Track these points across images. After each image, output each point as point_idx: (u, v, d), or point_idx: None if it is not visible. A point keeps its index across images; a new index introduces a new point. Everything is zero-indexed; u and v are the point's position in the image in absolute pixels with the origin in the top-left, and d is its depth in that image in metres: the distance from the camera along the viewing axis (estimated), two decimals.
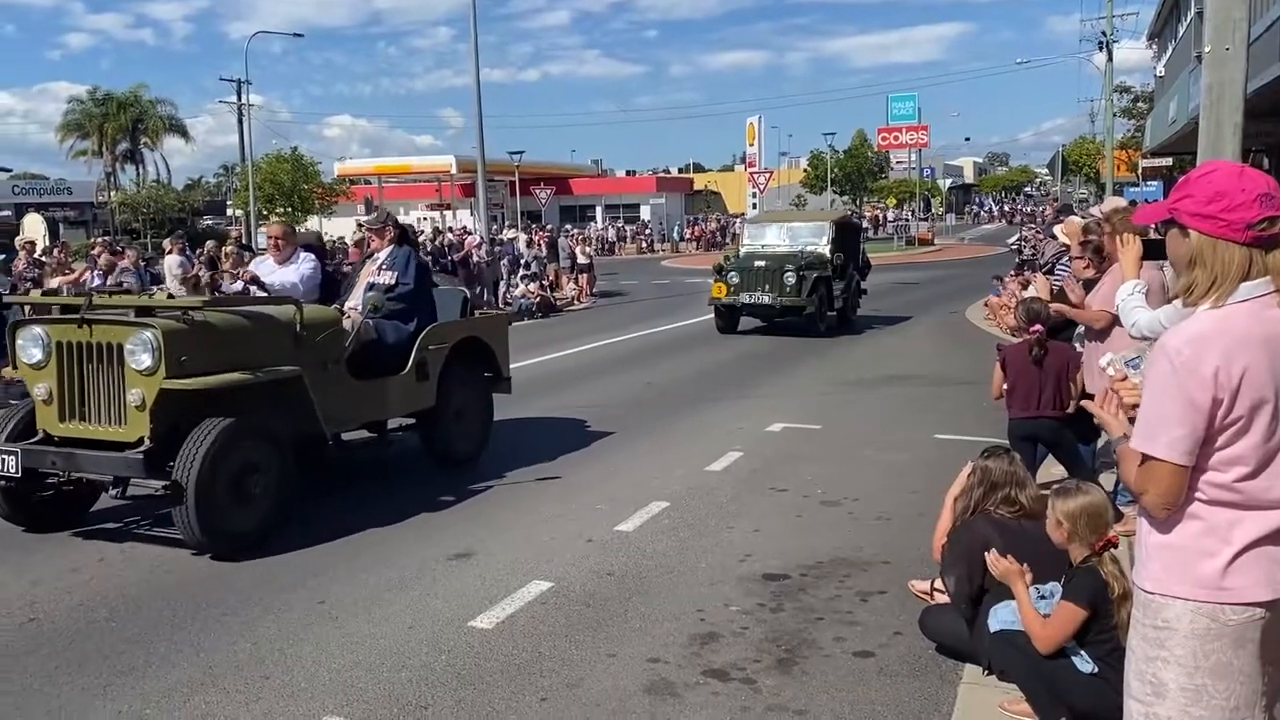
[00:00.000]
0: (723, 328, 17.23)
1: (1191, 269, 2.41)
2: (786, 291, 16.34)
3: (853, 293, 18.26)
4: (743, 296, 16.65)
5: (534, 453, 8.82)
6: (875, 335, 17.29)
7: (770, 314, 17.00)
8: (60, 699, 4.33)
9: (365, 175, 56.41)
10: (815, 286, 16.46)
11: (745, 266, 16.94)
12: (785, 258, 16.85)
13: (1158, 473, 2.35)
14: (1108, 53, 38.81)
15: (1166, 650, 2.42)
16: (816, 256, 17.05)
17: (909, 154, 52.95)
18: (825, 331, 16.56)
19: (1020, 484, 4.53)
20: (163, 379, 5.93)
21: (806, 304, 16.32)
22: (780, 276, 16.39)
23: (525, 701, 4.23)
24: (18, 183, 50.59)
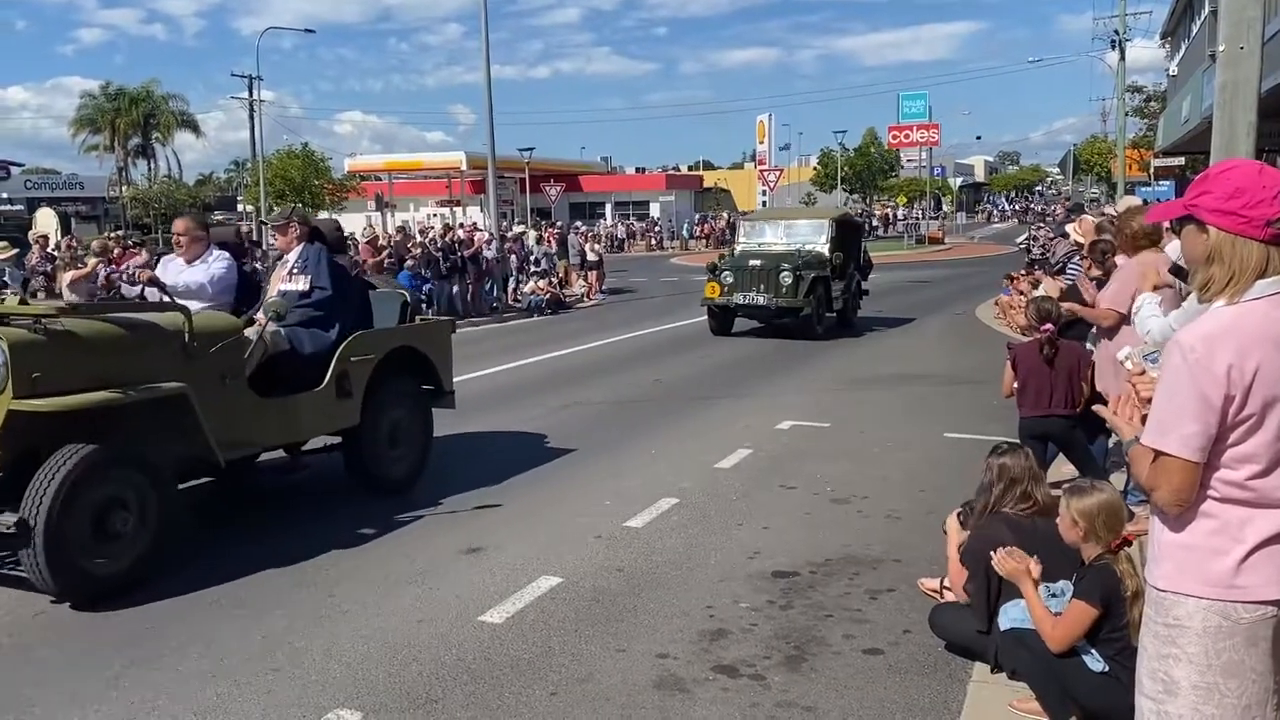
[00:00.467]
0: (716, 329, 16.77)
1: (1209, 265, 2.41)
2: (782, 292, 15.80)
3: (853, 293, 17.84)
4: (737, 297, 16.14)
5: (543, 449, 8.84)
6: (877, 337, 16.95)
7: (765, 315, 16.49)
8: (73, 689, 4.35)
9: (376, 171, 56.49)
10: (813, 287, 15.95)
11: (740, 266, 16.43)
12: (782, 257, 16.33)
13: (1169, 469, 2.35)
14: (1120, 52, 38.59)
15: (1178, 648, 2.42)
16: (814, 256, 16.57)
17: (919, 152, 52.82)
18: (822, 334, 16.16)
19: (1036, 479, 4.54)
20: (10, 399, 5.08)
21: (803, 305, 15.78)
22: (776, 276, 15.88)
23: (535, 696, 4.24)
24: (30, 177, 50.77)
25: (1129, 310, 5.71)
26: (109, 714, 4.14)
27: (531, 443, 9.13)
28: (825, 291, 16.41)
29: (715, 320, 16.83)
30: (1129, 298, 5.69)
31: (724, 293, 16.24)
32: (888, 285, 27.21)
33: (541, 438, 9.35)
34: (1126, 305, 5.71)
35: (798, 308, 15.81)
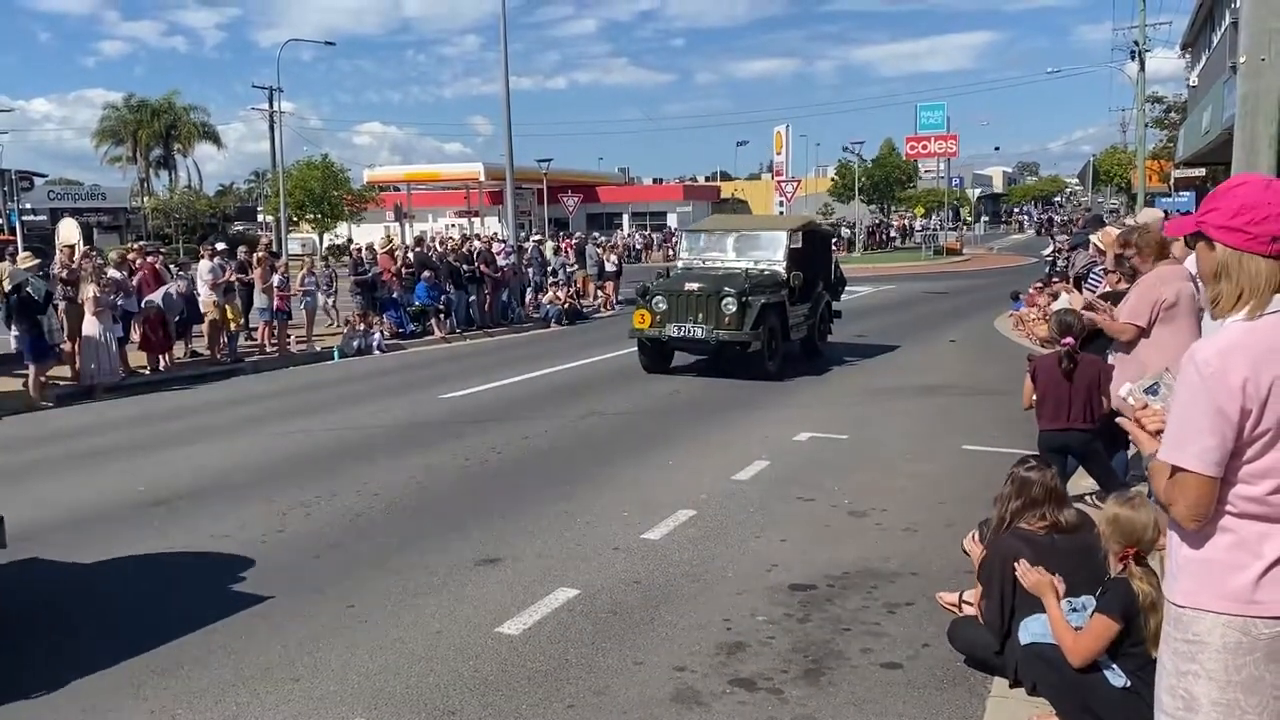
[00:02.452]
0: (649, 365, 13.99)
1: (1217, 282, 2.42)
2: (725, 323, 13.10)
3: (820, 317, 15.52)
4: (669, 328, 13.40)
5: (561, 460, 8.85)
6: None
7: (705, 350, 14.02)
8: (95, 698, 4.39)
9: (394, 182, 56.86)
10: (763, 316, 13.20)
11: (674, 290, 13.65)
12: (725, 279, 13.65)
13: (1186, 484, 2.34)
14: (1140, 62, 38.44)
15: (1198, 664, 2.40)
16: (767, 277, 13.98)
17: (937, 163, 52.72)
18: (777, 371, 13.49)
19: (1058, 500, 4.48)
20: None
21: (749, 338, 13.08)
22: (717, 304, 13.13)
23: (552, 709, 4.24)
24: (53, 188, 51.27)
25: (1148, 322, 5.69)
26: None
27: (549, 454, 9.15)
28: (780, 320, 13.80)
29: (647, 356, 14.05)
30: (1149, 309, 5.67)
31: (655, 323, 13.55)
32: (900, 298, 27.14)
33: (559, 449, 9.37)
34: (1146, 318, 5.69)
35: (744, 341, 13.15)
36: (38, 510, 7.45)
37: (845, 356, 15.26)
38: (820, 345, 15.61)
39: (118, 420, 11.51)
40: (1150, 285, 5.72)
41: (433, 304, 19.32)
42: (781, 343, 13.87)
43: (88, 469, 8.88)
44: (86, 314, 13.27)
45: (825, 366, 14.56)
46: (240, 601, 5.52)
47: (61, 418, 11.86)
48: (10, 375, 13.69)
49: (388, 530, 6.84)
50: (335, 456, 9.17)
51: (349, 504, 7.50)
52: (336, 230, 50.23)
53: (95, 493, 7.99)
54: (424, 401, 12.16)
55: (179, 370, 15.12)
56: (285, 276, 17.34)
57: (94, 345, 13.29)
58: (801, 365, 14.60)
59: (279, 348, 16.95)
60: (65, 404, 12.72)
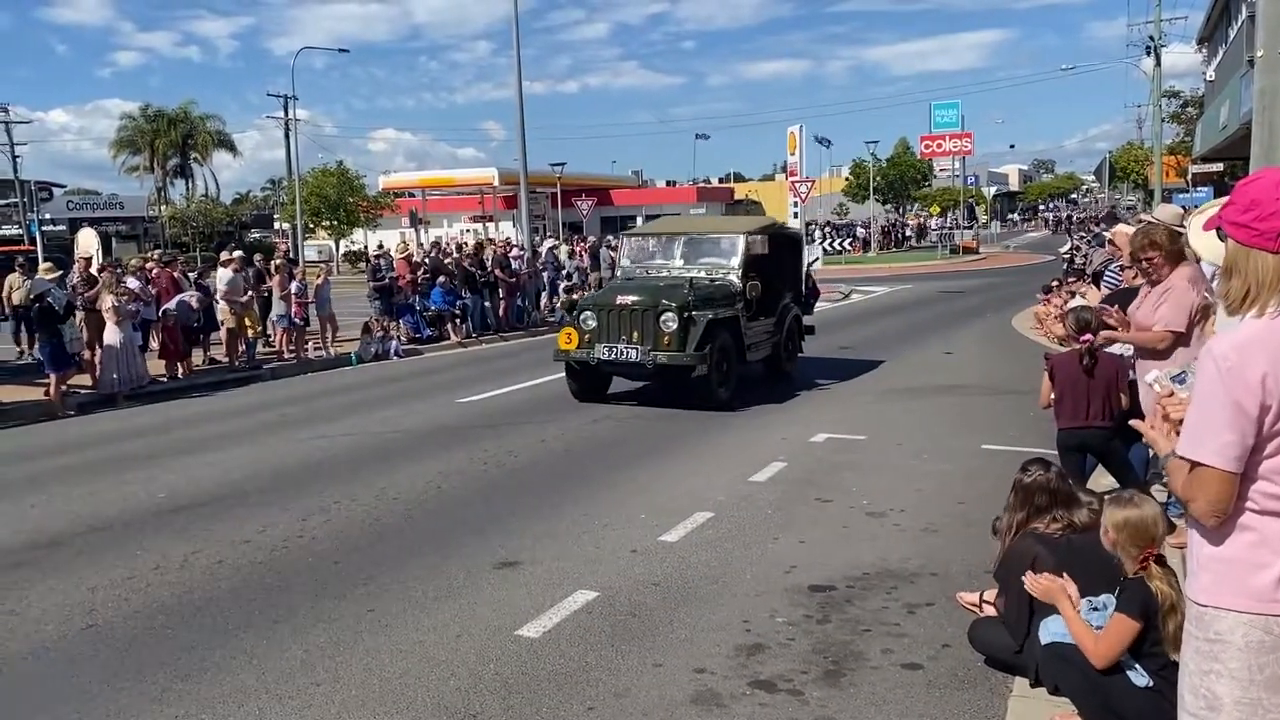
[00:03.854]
0: (579, 393, 12.01)
1: (1228, 277, 2.41)
2: (663, 342, 11.10)
3: (787, 333, 13.56)
4: (599, 349, 11.38)
5: (577, 463, 8.87)
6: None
7: (641, 375, 11.82)
8: (119, 703, 4.42)
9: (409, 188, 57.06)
10: (710, 335, 11.17)
11: (605, 304, 11.72)
12: (665, 291, 11.54)
13: (1206, 480, 2.33)
14: (1155, 57, 38.24)
15: (1220, 663, 2.39)
16: (717, 288, 11.96)
17: (952, 161, 52.56)
18: (728, 401, 11.43)
19: (1068, 501, 4.46)
20: None
21: (692, 361, 11.05)
22: (655, 320, 11.17)
23: (572, 711, 4.26)
24: (72, 198, 51.73)
25: (1187, 326, 5.59)
26: None
27: (566, 456, 9.16)
28: (734, 338, 11.77)
29: (575, 381, 12.06)
30: (1187, 314, 5.58)
31: (583, 343, 11.58)
32: (915, 297, 27.06)
33: (576, 451, 9.39)
34: (1184, 322, 5.59)
35: (686, 365, 11.13)
36: (61, 517, 7.53)
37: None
38: (788, 366, 13.60)
39: (138, 428, 11.60)
40: (1184, 290, 5.63)
41: (449, 309, 19.40)
42: (736, 365, 11.79)
43: (109, 476, 8.95)
44: (106, 323, 13.38)
45: (842, 365, 14.48)
46: (262, 606, 5.55)
47: (82, 425, 11.96)
48: (31, 384, 13.83)
49: (407, 534, 6.87)
50: (354, 461, 9.21)
51: (368, 509, 7.54)
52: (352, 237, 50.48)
53: (117, 499, 8.05)
54: (441, 406, 12.21)
55: (198, 377, 15.22)
56: (303, 284, 17.44)
57: (114, 353, 13.41)
58: (815, 368, 14.52)
59: (297, 354, 17.05)
60: (86, 412, 12.83)
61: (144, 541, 6.83)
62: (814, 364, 14.47)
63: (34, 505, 7.95)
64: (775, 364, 13.32)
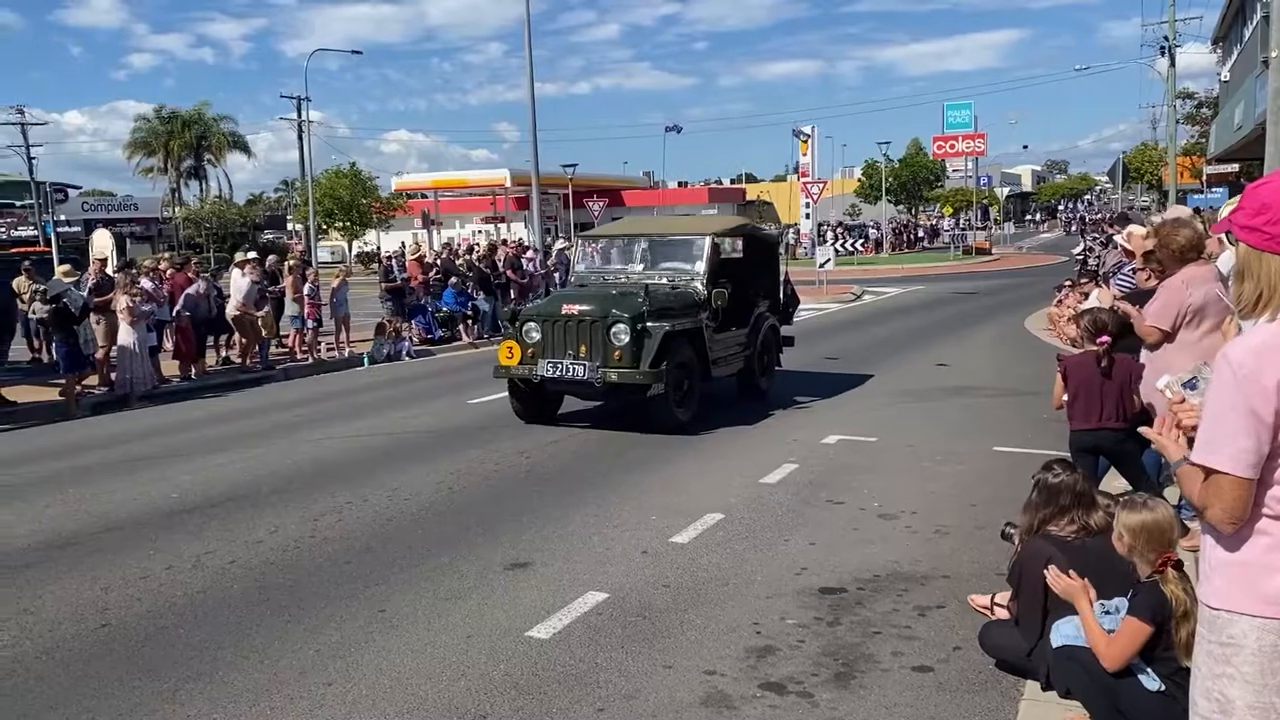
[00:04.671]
0: (523, 413, 10.83)
1: (1241, 281, 2.40)
2: (614, 358, 9.97)
3: (762, 345, 12.10)
4: (543, 365, 10.25)
5: (588, 464, 8.88)
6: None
7: (590, 394, 10.70)
8: (132, 702, 4.45)
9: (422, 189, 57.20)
10: (667, 349, 10.00)
11: (551, 315, 10.51)
12: (617, 299, 10.40)
13: (1222, 486, 2.32)
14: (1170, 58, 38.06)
15: (1233, 667, 2.38)
16: (678, 296, 10.81)
17: (965, 162, 52.42)
18: (688, 423, 10.28)
19: (1087, 503, 4.45)
20: None
21: (647, 379, 9.86)
22: (604, 332, 10.04)
23: (582, 712, 4.26)
24: (87, 200, 52.07)
25: (1173, 326, 5.61)
26: None
27: (577, 458, 9.17)
28: (697, 353, 10.56)
29: (519, 400, 10.85)
30: (1174, 314, 5.59)
31: (526, 357, 10.45)
32: (928, 298, 26.98)
33: (587, 452, 9.39)
34: (1170, 322, 5.61)
35: (642, 384, 9.94)
36: (75, 517, 7.58)
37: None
38: (763, 383, 12.22)
39: (152, 428, 11.66)
40: (1176, 288, 5.63)
41: (461, 310, 19.44)
42: (698, 383, 10.62)
43: (123, 476, 8.99)
44: (121, 324, 13.46)
45: (855, 367, 14.34)
46: (274, 606, 5.58)
47: (96, 426, 12.03)
48: (46, 385, 13.92)
49: (418, 535, 6.89)
50: (366, 462, 9.24)
51: (380, 509, 7.56)
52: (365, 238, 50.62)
53: (130, 499, 8.09)
54: (453, 407, 12.23)
55: (211, 378, 15.30)
56: (315, 285, 17.51)
57: (128, 354, 13.49)
58: (825, 369, 14.46)
59: (309, 355, 17.11)
60: (100, 412, 12.91)
61: (157, 541, 6.86)
62: (832, 363, 14.42)
63: (48, 505, 8.00)
64: (748, 380, 11.98)
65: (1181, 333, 5.60)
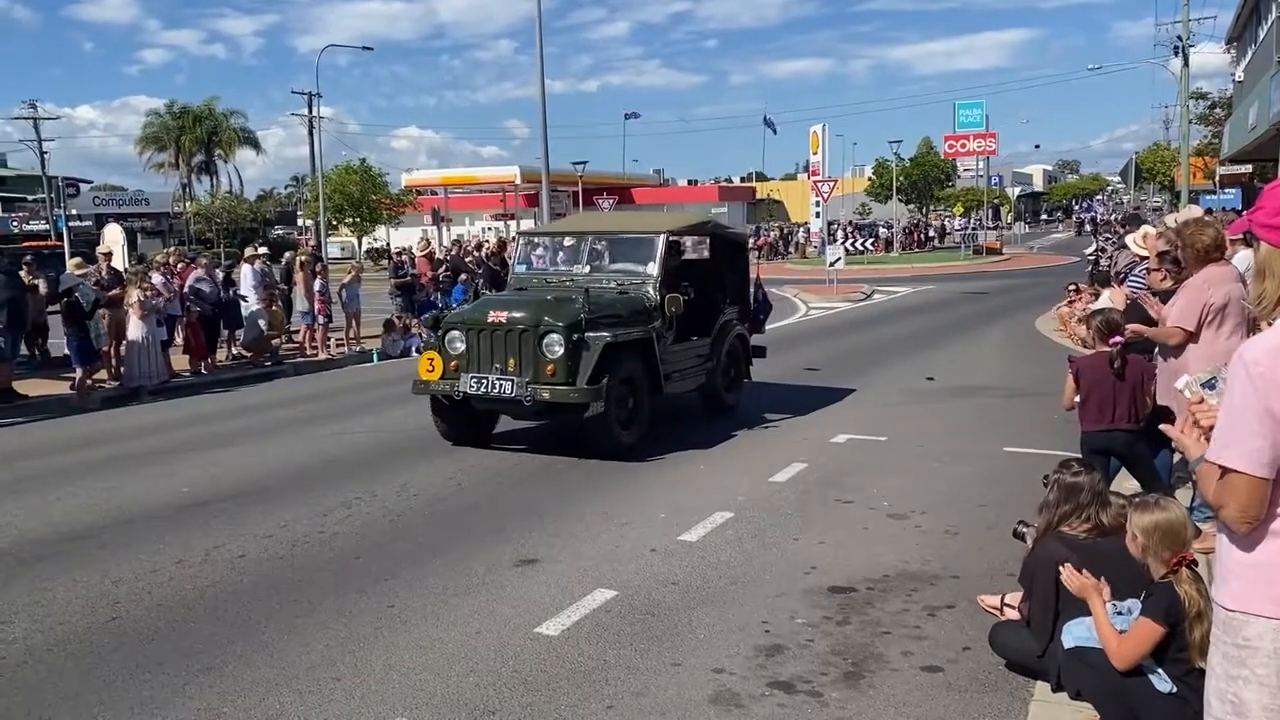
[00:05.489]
0: (449, 434, 9.63)
1: (1261, 280, 2.39)
2: (546, 374, 8.75)
3: (728, 356, 10.97)
4: (466, 380, 8.99)
5: (596, 461, 8.86)
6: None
7: (520, 412, 9.37)
8: (142, 695, 4.46)
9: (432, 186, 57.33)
10: (608, 363, 8.83)
11: (476, 322, 9.22)
12: (551, 306, 9.14)
13: (1236, 485, 2.30)
14: (1184, 58, 37.86)
15: (1248, 669, 2.37)
16: (625, 302, 9.65)
17: (976, 161, 52.24)
18: (630, 447, 9.07)
19: (1104, 502, 4.44)
20: None
21: (584, 398, 8.66)
22: (535, 343, 8.84)
23: (591, 709, 4.26)
24: (98, 194, 52.31)
25: (1196, 326, 5.58)
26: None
27: (585, 455, 9.16)
28: (645, 366, 9.42)
29: (443, 419, 9.63)
30: (1197, 314, 5.56)
31: (448, 371, 9.23)
32: (938, 298, 26.92)
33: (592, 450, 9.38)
34: (1194, 321, 5.59)
35: (577, 403, 8.75)
36: (85, 510, 7.61)
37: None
38: (730, 398, 11.09)
39: (162, 422, 11.70)
40: (1198, 288, 5.61)
41: None
42: (648, 399, 9.46)
43: (133, 470, 9.03)
44: (131, 318, 13.50)
45: (864, 367, 14.27)
46: (283, 601, 5.59)
47: (107, 420, 12.07)
48: (58, 378, 13.97)
49: (427, 531, 6.90)
50: (375, 458, 9.26)
51: (389, 505, 7.57)
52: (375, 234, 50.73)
53: (141, 493, 8.12)
54: None
55: (221, 373, 15.34)
56: (326, 281, 17.54)
57: (138, 349, 13.52)
58: (833, 369, 14.41)
59: (319, 350, 17.14)
60: (111, 406, 12.96)
61: (166, 535, 6.88)
62: (839, 364, 14.34)
63: (59, 498, 8.03)
64: (712, 395, 10.84)
65: (1204, 333, 5.57)
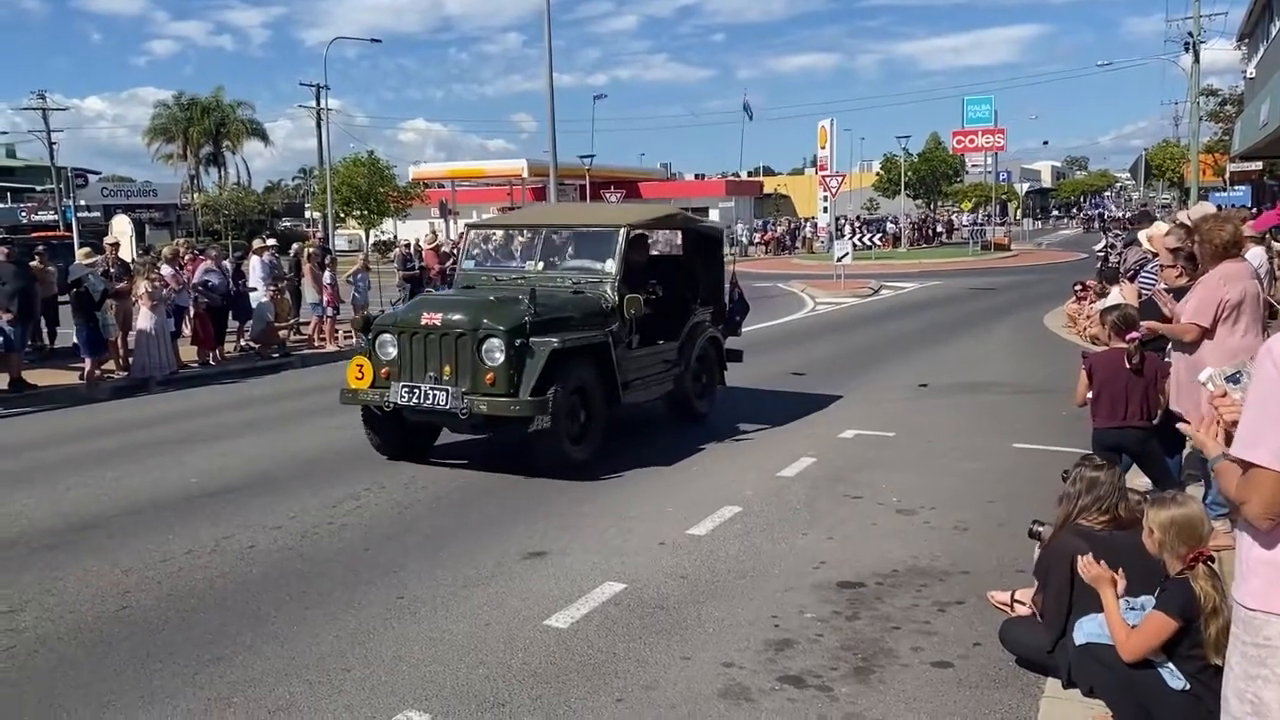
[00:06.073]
0: (383, 447, 8.73)
1: None
2: (485, 383, 7.87)
3: (699, 361, 10.10)
4: (397, 390, 8.10)
5: (606, 453, 8.85)
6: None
7: (456, 426, 8.41)
8: (152, 685, 4.47)
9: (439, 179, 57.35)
10: (554, 371, 7.91)
11: (409, 325, 8.29)
12: (492, 307, 8.21)
13: (1261, 481, 2.28)
14: (1194, 54, 37.65)
15: (1268, 669, 2.35)
16: (577, 302, 8.78)
17: (985, 157, 52.04)
18: (582, 464, 8.19)
19: (1123, 497, 4.43)
20: None
21: (527, 411, 7.76)
22: (474, 349, 7.94)
23: (601, 702, 4.25)
24: (106, 185, 52.30)
25: (1211, 322, 5.56)
26: (186, 711, 4.23)
27: None
28: (600, 374, 8.54)
29: (375, 431, 8.74)
30: (1213, 310, 5.54)
31: (379, 379, 8.36)
32: (945, 294, 26.85)
33: (603, 443, 9.36)
34: (1209, 318, 5.56)
35: (519, 416, 7.84)
36: (95, 500, 7.63)
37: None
38: (701, 406, 10.26)
39: (170, 413, 11.72)
40: (1214, 284, 5.58)
41: None
42: (603, 411, 8.59)
43: (142, 460, 9.04)
44: (140, 309, 13.52)
45: (872, 363, 14.21)
46: (293, 591, 5.59)
47: (116, 410, 12.10)
48: (67, 368, 14.00)
49: (435, 523, 6.90)
50: None
51: (397, 497, 7.57)
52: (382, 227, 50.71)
53: (149, 483, 8.14)
54: None
55: (230, 364, 15.36)
56: (334, 273, 17.55)
57: (147, 339, 13.55)
58: (842, 365, 14.34)
59: (328, 342, 17.15)
60: (120, 396, 12.98)
61: (176, 525, 6.89)
62: (849, 359, 14.26)
63: (69, 488, 8.05)
64: (681, 403, 10.03)
65: (1219, 330, 5.55)
